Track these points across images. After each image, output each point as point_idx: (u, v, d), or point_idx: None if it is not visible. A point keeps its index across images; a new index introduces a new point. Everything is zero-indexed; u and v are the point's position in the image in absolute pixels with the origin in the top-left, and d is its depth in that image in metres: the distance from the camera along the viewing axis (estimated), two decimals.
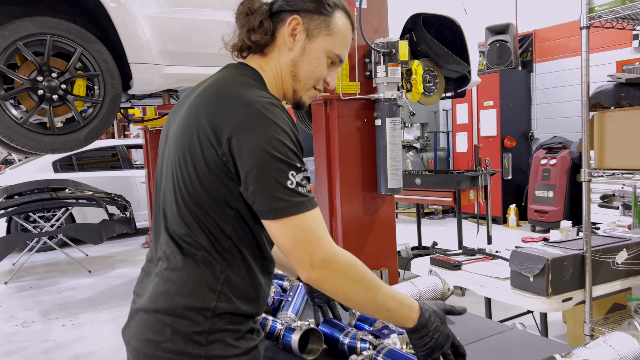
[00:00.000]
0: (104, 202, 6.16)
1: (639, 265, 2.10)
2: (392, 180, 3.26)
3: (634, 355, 1.21)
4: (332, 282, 1.03)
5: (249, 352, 1.08)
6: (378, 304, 1.08)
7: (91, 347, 3.76)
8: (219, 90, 1.07)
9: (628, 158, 1.84)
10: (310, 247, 1.00)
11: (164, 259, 1.11)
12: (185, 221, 1.07)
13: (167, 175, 1.13)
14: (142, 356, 1.07)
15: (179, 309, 1.04)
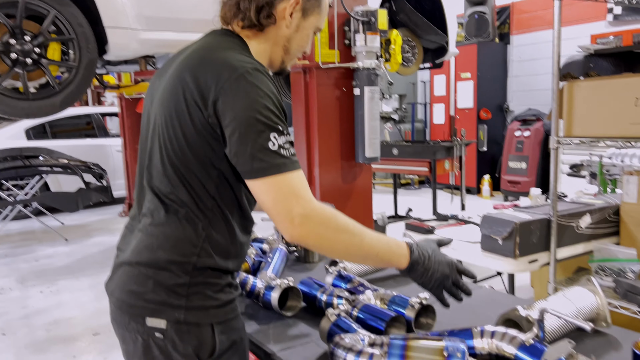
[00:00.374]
0: (79, 170, 6.09)
1: (601, 229, 2.22)
2: (370, 149, 3.31)
3: (590, 307, 1.31)
4: (315, 236, 1.05)
5: (227, 305, 1.13)
6: (366, 249, 1.11)
7: (70, 312, 3.79)
8: (205, 54, 1.10)
9: (594, 127, 1.93)
10: (289, 204, 1.02)
11: (147, 215, 1.14)
12: (170, 179, 1.10)
13: (152, 135, 1.15)
14: (125, 306, 1.11)
15: (161, 262, 1.08)
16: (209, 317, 1.10)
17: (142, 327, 1.09)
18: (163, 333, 1.07)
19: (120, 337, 1.17)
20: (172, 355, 1.08)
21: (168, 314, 1.07)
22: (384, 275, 1.83)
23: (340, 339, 1.16)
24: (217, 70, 1.04)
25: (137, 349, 1.11)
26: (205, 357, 1.09)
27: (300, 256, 2.06)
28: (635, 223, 2.15)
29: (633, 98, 1.79)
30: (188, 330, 1.08)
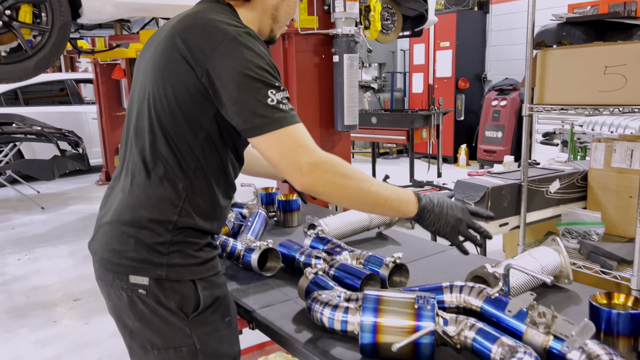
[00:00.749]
0: (54, 137, 5.99)
1: (570, 194, 2.31)
2: (349, 117, 3.34)
3: (554, 265, 1.38)
4: (325, 183, 1.08)
5: (207, 262, 1.17)
6: (374, 195, 1.13)
7: (49, 279, 3.80)
8: (197, 19, 1.11)
9: (565, 94, 1.98)
10: (296, 155, 1.05)
11: (130, 175, 1.16)
12: (156, 139, 1.12)
13: (141, 97, 1.16)
14: (108, 264, 1.15)
15: (142, 221, 1.11)
16: (189, 274, 1.13)
17: (125, 284, 1.12)
18: (146, 289, 1.11)
19: (105, 294, 1.20)
20: (157, 310, 1.12)
21: (150, 271, 1.11)
22: (361, 239, 1.88)
23: (318, 295, 1.21)
24: (209, 34, 1.06)
25: (123, 304, 1.15)
26: (190, 312, 1.14)
27: (279, 220, 2.10)
28: (601, 188, 2.23)
29: (602, 67, 1.85)
30: (171, 287, 1.12)
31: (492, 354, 0.98)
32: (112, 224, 1.15)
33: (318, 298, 1.20)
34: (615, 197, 2.18)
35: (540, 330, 0.99)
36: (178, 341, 1.14)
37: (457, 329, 1.03)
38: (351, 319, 1.11)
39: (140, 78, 1.19)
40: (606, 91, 1.84)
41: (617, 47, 1.82)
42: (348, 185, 1.11)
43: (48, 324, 3.07)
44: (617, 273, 1.87)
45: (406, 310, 1.06)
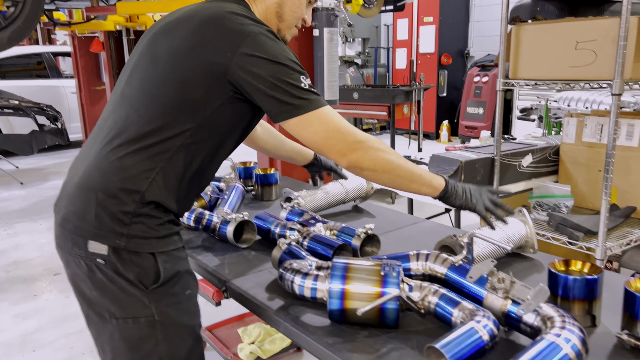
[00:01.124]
0: (32, 111, 5.90)
1: (542, 168, 2.36)
2: (329, 92, 3.34)
3: (519, 235, 1.43)
4: (369, 158, 1.17)
5: (167, 237, 1.18)
6: (412, 170, 1.23)
7: (29, 254, 3.79)
8: (222, 14, 1.15)
9: (538, 69, 2.01)
10: (341, 135, 1.14)
11: (109, 141, 1.16)
12: (150, 114, 1.13)
13: (146, 72, 1.17)
14: (69, 225, 1.15)
15: (111, 187, 1.12)
16: (149, 247, 1.15)
17: (84, 252, 1.13)
18: (104, 259, 1.12)
19: (64, 262, 1.21)
20: (116, 280, 1.13)
21: (110, 239, 1.12)
22: (338, 211, 1.92)
23: (289, 264, 1.24)
24: (237, 28, 1.11)
25: (81, 272, 1.16)
26: (149, 284, 1.15)
27: (257, 194, 2.12)
28: (572, 162, 2.29)
29: (574, 42, 1.88)
30: (130, 259, 1.13)
31: (453, 317, 1.03)
32: (79, 186, 1.15)
33: (289, 267, 1.23)
34: (586, 170, 2.24)
35: (499, 295, 1.04)
36: (136, 312, 1.15)
37: (421, 295, 1.08)
38: (320, 286, 1.15)
39: (149, 56, 1.19)
40: (577, 66, 1.87)
41: (588, 22, 1.85)
42: (389, 161, 1.19)
43: (28, 298, 3.08)
44: (583, 244, 1.93)
45: (372, 277, 1.09)
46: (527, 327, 1.00)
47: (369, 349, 1.04)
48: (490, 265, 1.06)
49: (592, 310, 1.09)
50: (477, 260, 1.29)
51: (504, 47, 2.09)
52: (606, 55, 1.79)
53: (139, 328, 1.16)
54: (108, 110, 1.23)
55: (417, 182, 1.24)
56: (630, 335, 1.00)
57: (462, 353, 0.91)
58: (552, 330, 0.92)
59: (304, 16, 1.32)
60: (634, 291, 1.00)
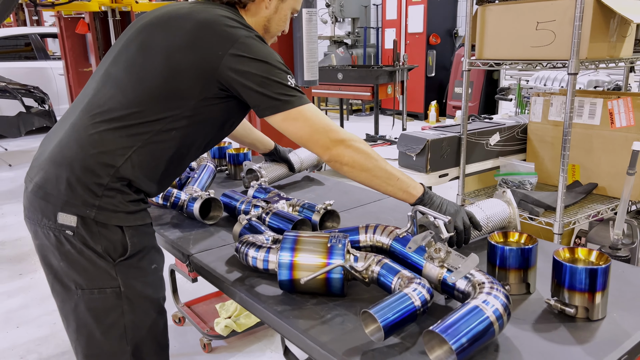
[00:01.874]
0: (19, 93, 5.90)
1: (510, 147, 2.42)
2: (309, 72, 3.37)
3: (501, 217, 1.43)
4: (351, 155, 1.23)
5: (135, 213, 1.23)
6: (389, 171, 1.28)
7: (16, 234, 3.85)
8: (215, 17, 1.22)
9: (502, 49, 2.05)
10: (325, 131, 1.22)
11: (88, 115, 1.20)
12: (135, 97, 1.18)
13: (134, 59, 1.22)
14: (41, 192, 1.19)
15: (88, 159, 1.16)
16: (117, 220, 1.19)
17: (53, 223, 1.17)
18: (73, 231, 1.17)
19: (33, 233, 1.25)
20: (84, 251, 1.18)
21: (80, 209, 1.16)
22: (306, 189, 1.98)
23: (246, 238, 1.30)
24: (229, 32, 1.19)
25: (50, 243, 1.20)
26: (117, 257, 1.20)
27: (230, 173, 2.18)
28: (539, 140, 2.34)
29: (535, 22, 1.92)
30: (98, 231, 1.18)
31: (392, 285, 1.09)
32: (54, 154, 1.19)
33: (244, 240, 1.29)
34: (551, 148, 2.30)
35: (435, 264, 1.10)
36: (103, 283, 1.20)
37: (365, 265, 1.14)
38: (272, 258, 1.21)
39: (138, 43, 1.24)
40: (537, 46, 1.91)
41: (548, 3, 1.89)
42: (368, 160, 1.25)
43: (14, 277, 3.15)
44: (543, 219, 2.00)
45: (319, 249, 1.16)
46: (459, 294, 1.07)
47: (314, 315, 1.11)
48: (429, 236, 1.12)
49: (527, 279, 1.16)
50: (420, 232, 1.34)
51: (470, 28, 2.13)
52: (564, 36, 1.83)
53: (104, 299, 1.21)
54: (90, 87, 1.27)
55: (394, 186, 1.29)
56: (557, 301, 1.07)
57: (394, 317, 0.97)
58: (479, 295, 0.99)
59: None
60: (561, 260, 1.06)
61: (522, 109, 3.10)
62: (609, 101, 2.05)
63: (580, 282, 1.04)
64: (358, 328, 1.03)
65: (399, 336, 1.01)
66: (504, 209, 1.45)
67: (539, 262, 1.19)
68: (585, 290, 1.04)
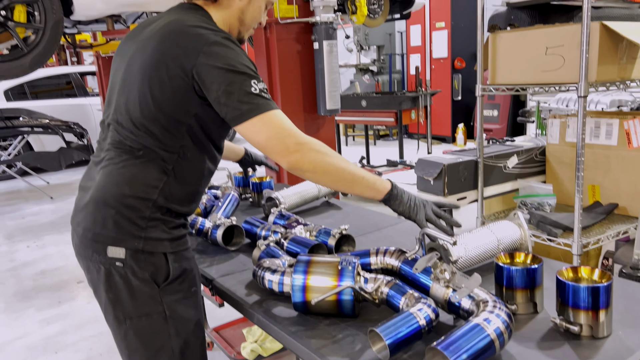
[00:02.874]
0: (60, 129, 6.21)
1: (529, 169, 2.43)
2: (331, 101, 3.47)
3: (512, 239, 1.44)
4: (310, 160, 1.20)
5: (178, 239, 1.32)
6: (354, 173, 1.26)
7: (56, 263, 4.03)
8: (180, 27, 1.23)
9: (514, 74, 2.10)
10: (281, 137, 1.18)
11: (115, 155, 1.28)
12: (141, 133, 1.25)
13: (130, 91, 1.27)
14: (89, 234, 1.27)
15: (125, 197, 1.24)
16: (163, 247, 1.27)
17: (104, 257, 1.25)
18: (122, 262, 1.24)
19: (84, 268, 1.34)
20: (132, 281, 1.25)
21: (128, 242, 1.24)
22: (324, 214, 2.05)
23: (262, 262, 1.38)
24: (193, 39, 1.19)
25: (100, 276, 1.28)
26: (161, 282, 1.28)
27: (254, 201, 2.26)
28: (557, 162, 2.36)
29: (544, 48, 1.96)
30: (145, 259, 1.25)
31: (400, 305, 1.14)
32: (95, 198, 1.27)
33: (262, 264, 1.36)
34: (570, 170, 2.31)
35: (441, 285, 1.14)
36: (149, 309, 1.27)
37: (375, 286, 1.19)
38: (286, 281, 1.28)
39: (122, 74, 1.30)
40: (547, 71, 1.95)
41: (556, 29, 1.93)
42: (329, 163, 1.23)
43: (53, 305, 3.30)
44: (561, 240, 2.00)
45: (330, 271, 1.21)
46: (464, 313, 1.10)
47: (327, 335, 1.16)
48: (434, 258, 1.17)
49: (534, 298, 1.18)
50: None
51: (482, 55, 2.19)
52: (573, 60, 1.87)
53: (152, 324, 1.28)
54: (105, 126, 1.34)
55: (360, 184, 1.28)
56: (563, 319, 1.10)
57: (399, 335, 1.02)
58: (481, 313, 1.03)
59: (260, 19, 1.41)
60: (564, 279, 1.09)
61: (542, 130, 3.11)
62: (625, 121, 2.06)
63: (584, 300, 1.06)
64: (367, 347, 1.08)
65: (406, 354, 1.06)
66: (514, 232, 1.47)
67: (548, 282, 1.22)
68: (588, 308, 1.06)
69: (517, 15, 2.19)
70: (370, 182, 1.29)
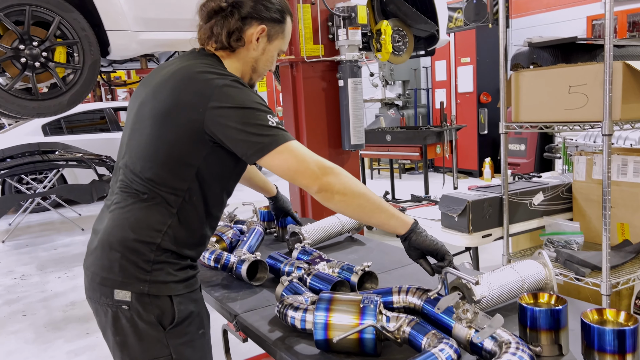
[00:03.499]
0: (93, 163, 6.41)
1: (555, 206, 2.41)
2: (355, 137, 3.52)
3: (536, 279, 1.42)
4: (340, 182, 1.23)
5: (185, 281, 1.32)
6: (376, 202, 1.27)
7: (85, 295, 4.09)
8: (191, 72, 1.27)
9: (537, 112, 2.11)
10: (308, 163, 1.21)
11: (122, 199, 1.32)
12: (148, 176, 1.28)
13: (140, 135, 1.31)
14: (97, 278, 1.28)
15: (129, 241, 1.25)
16: (168, 290, 1.29)
17: (111, 300, 1.27)
18: (129, 305, 1.26)
19: (94, 310, 1.35)
20: (138, 324, 1.27)
21: (134, 286, 1.26)
22: (348, 249, 2.06)
23: (285, 299, 1.39)
24: (203, 85, 1.23)
25: (107, 319, 1.29)
26: (167, 324, 1.28)
27: (279, 235, 2.29)
28: (584, 199, 2.33)
29: (566, 86, 1.97)
30: (150, 302, 1.27)
31: (423, 344, 1.14)
32: (102, 242, 1.30)
33: (285, 301, 1.38)
34: (597, 207, 2.27)
35: (464, 325, 1.14)
36: (156, 352, 1.28)
37: (397, 325, 1.20)
38: (308, 318, 1.29)
39: (133, 118, 1.36)
40: (571, 109, 1.96)
41: (578, 68, 1.95)
42: (357, 185, 1.26)
43: (81, 336, 3.35)
44: (589, 279, 1.96)
45: (352, 309, 1.22)
46: (487, 354, 1.10)
47: None
48: (457, 297, 1.17)
49: (559, 340, 1.17)
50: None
51: (505, 93, 2.21)
52: (596, 98, 1.87)
53: None
54: (117, 169, 1.38)
55: (386, 212, 1.28)
56: None
57: None
58: (503, 355, 1.02)
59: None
60: (589, 322, 1.08)
61: (569, 166, 3.08)
62: None
63: (609, 344, 1.04)
64: None
65: None
66: (539, 271, 1.46)
67: (575, 324, 1.20)
68: (615, 352, 1.04)
69: (540, 54, 2.22)
70: (388, 218, 1.30)
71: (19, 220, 6.55)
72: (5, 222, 6.65)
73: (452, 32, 7.85)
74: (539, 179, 2.93)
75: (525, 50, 2.31)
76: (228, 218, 2.33)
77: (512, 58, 2.38)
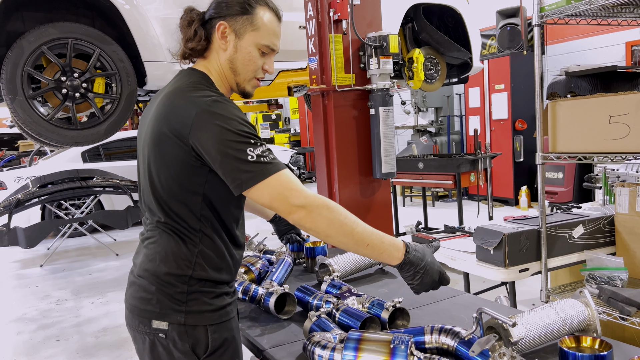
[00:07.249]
0: (129, 189, 6.54)
1: (596, 239, 2.30)
2: (386, 165, 3.48)
3: (578, 320, 1.33)
4: (311, 220, 1.21)
5: (221, 309, 1.33)
6: (356, 237, 1.24)
7: (118, 321, 4.13)
8: (173, 98, 1.27)
9: (575, 143, 2.03)
10: (284, 198, 1.20)
11: (150, 237, 1.35)
12: (163, 210, 1.30)
13: (144, 173, 1.35)
14: (136, 310, 1.33)
15: (162, 274, 1.30)
16: (204, 320, 1.30)
17: (148, 328, 1.30)
18: (165, 333, 1.28)
19: (132, 338, 1.39)
20: (173, 353, 1.28)
21: (171, 317, 1.28)
22: (381, 285, 2.00)
23: (313, 336, 1.36)
24: (184, 112, 1.22)
25: (145, 347, 1.32)
26: (202, 354, 1.29)
27: (308, 266, 2.26)
28: (628, 232, 2.22)
29: (607, 116, 1.90)
30: (186, 331, 1.28)
31: None
32: (139, 277, 1.35)
33: (312, 339, 1.34)
34: None
35: None
36: None
37: None
38: (336, 357, 1.24)
39: (141, 153, 1.38)
40: (612, 139, 1.88)
41: (619, 97, 1.87)
42: (331, 226, 1.23)
43: None
44: (635, 319, 1.85)
45: (382, 349, 1.18)
46: None
47: None
48: (492, 340, 1.11)
49: None
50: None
51: (541, 122, 2.15)
52: (639, 128, 1.79)
53: None
54: (140, 206, 1.41)
55: (363, 250, 1.28)
56: None
57: None
58: None
59: (263, 66, 1.38)
60: None
61: (610, 197, 2.96)
62: None
63: None
64: None
65: None
66: (581, 311, 1.37)
67: None
68: None
69: (577, 83, 2.15)
70: (375, 252, 1.27)
71: (57, 244, 6.72)
72: (44, 247, 6.83)
73: (485, 59, 7.78)
74: (579, 210, 2.82)
75: (562, 79, 2.25)
76: (257, 248, 2.32)
77: (549, 87, 2.32)
